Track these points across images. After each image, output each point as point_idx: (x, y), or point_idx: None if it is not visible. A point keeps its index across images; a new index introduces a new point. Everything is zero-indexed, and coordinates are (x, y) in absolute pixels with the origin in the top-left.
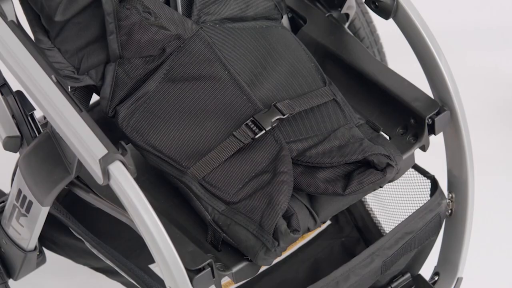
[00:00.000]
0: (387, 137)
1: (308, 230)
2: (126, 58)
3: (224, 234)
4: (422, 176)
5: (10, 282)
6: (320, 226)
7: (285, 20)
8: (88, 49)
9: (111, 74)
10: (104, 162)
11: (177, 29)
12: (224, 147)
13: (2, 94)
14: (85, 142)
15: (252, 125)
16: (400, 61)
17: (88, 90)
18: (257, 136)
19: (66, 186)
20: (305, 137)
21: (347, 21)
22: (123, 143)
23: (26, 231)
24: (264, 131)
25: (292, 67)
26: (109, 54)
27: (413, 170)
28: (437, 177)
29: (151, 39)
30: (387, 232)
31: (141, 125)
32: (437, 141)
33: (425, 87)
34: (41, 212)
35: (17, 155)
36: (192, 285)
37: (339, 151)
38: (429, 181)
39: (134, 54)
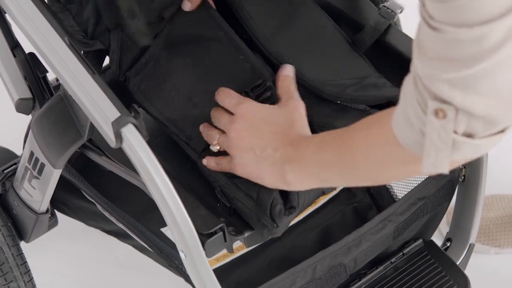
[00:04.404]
0: None
1: (323, 193)
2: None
3: (233, 206)
4: None
5: (22, 244)
6: (335, 190)
7: None
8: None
9: (116, 40)
10: (117, 125)
11: None
12: None
13: (14, 56)
14: (97, 105)
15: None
16: (413, 26)
17: (101, 53)
18: None
19: (78, 148)
20: (339, 79)
21: None
22: (135, 106)
23: (38, 193)
24: None
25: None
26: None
27: None
28: None
29: (149, 7)
30: (400, 197)
31: (148, 91)
32: None
33: None
34: (53, 175)
35: (29, 117)
36: (204, 249)
37: (375, 88)
38: None
39: None
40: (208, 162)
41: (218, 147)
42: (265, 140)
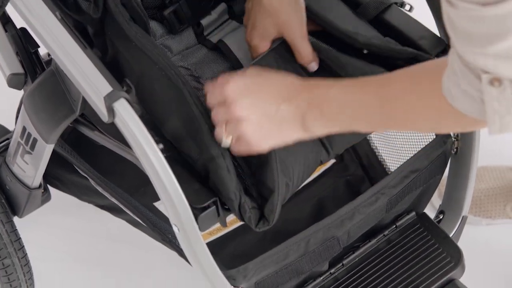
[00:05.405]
0: None
1: (321, 162)
2: None
3: None
4: None
5: (15, 219)
6: (333, 158)
7: None
8: None
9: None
10: (109, 100)
11: None
12: None
13: (6, 31)
14: (89, 79)
15: None
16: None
17: None
18: None
19: (70, 123)
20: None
21: None
22: (128, 80)
23: (31, 168)
24: None
25: None
26: None
27: None
28: None
29: None
30: (392, 170)
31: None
32: None
33: (431, 26)
34: (46, 150)
35: (21, 92)
36: (197, 223)
37: (396, 45)
38: None
39: None
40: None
41: (230, 138)
42: (273, 100)
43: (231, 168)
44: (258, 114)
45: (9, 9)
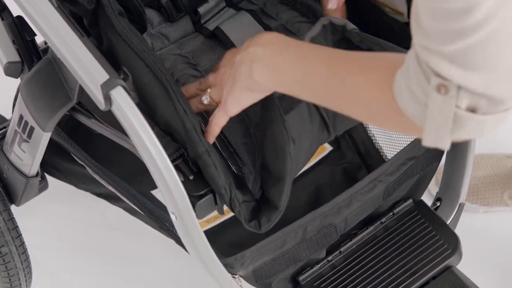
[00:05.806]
0: None
1: (320, 144)
2: None
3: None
4: None
5: (13, 208)
6: (333, 139)
7: None
8: None
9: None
10: (106, 88)
11: None
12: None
13: (2, 19)
14: (86, 67)
15: None
16: None
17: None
18: None
19: (67, 111)
20: None
21: None
22: (125, 68)
23: (28, 156)
24: None
25: None
26: None
27: None
28: None
29: None
30: (389, 158)
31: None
32: None
33: None
34: (43, 138)
35: (18, 80)
36: (194, 211)
37: None
38: None
39: None
40: (207, 133)
41: (209, 98)
42: (237, 51)
43: (217, 164)
44: (228, 70)
45: None
